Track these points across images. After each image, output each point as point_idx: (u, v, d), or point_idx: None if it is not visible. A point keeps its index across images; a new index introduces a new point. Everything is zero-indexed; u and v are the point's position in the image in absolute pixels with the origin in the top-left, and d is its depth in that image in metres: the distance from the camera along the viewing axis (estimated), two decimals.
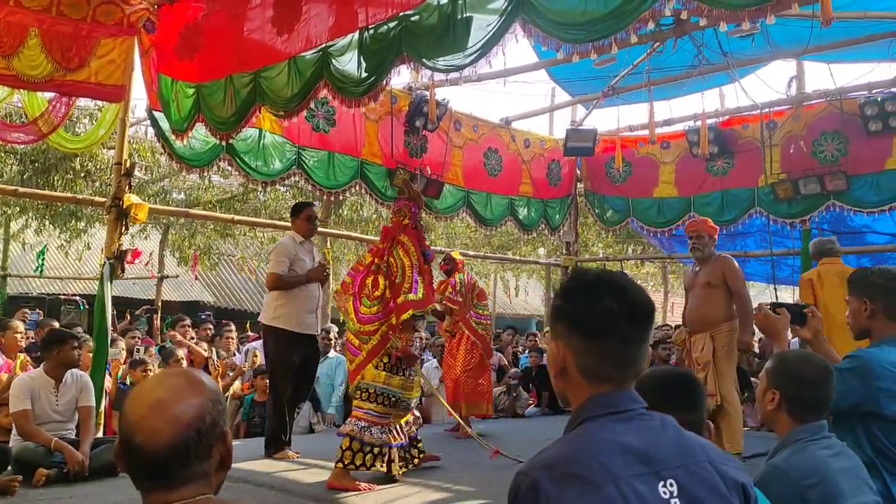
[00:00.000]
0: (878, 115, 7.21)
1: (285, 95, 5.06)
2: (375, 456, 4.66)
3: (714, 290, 5.50)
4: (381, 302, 4.80)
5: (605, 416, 1.38)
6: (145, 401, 1.34)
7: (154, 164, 12.65)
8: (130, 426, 1.32)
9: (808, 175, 7.75)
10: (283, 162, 6.92)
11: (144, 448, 1.30)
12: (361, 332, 4.79)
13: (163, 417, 1.31)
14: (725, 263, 5.57)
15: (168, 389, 1.35)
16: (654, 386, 2.13)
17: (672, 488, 1.31)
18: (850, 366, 2.64)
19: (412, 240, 4.93)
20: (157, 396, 1.34)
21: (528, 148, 9.22)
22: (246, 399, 7.03)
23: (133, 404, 1.35)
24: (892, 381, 2.55)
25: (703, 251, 5.66)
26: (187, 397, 1.34)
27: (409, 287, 4.78)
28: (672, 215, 9.14)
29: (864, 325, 2.80)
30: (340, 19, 4.65)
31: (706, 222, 5.88)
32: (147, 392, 1.36)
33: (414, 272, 4.82)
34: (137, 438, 1.31)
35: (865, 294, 2.78)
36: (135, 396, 1.37)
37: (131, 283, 16.99)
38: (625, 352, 1.42)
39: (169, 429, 1.30)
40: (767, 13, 3.26)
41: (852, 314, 2.85)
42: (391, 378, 4.77)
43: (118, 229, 5.88)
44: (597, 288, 1.43)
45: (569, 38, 3.88)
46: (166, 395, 1.34)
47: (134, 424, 1.32)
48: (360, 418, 4.70)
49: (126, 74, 6.09)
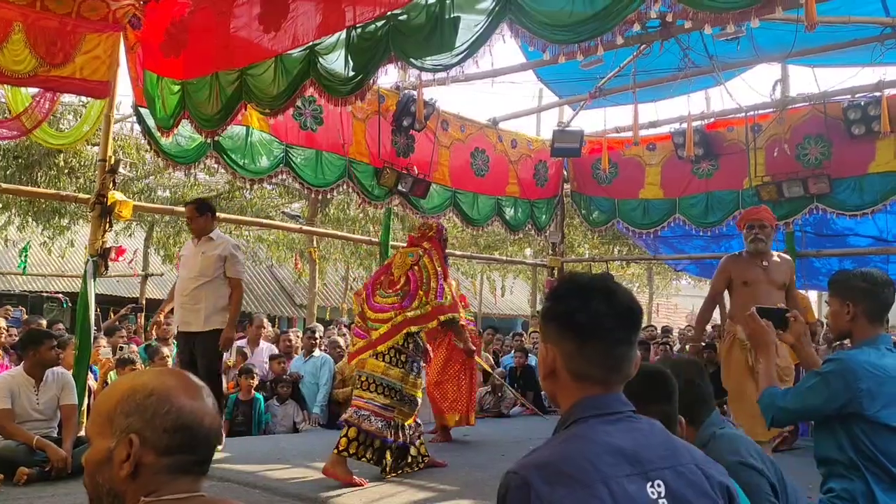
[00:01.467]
0: (861, 120, 7.28)
1: (271, 93, 5.05)
2: (368, 447, 4.69)
3: (783, 294, 5.21)
4: (402, 294, 4.95)
5: (594, 417, 1.40)
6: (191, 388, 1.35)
7: (139, 160, 12.57)
8: (196, 411, 1.33)
9: (792, 178, 7.81)
10: (271, 160, 6.90)
11: (212, 427, 1.33)
12: (371, 318, 4.96)
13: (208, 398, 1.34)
14: (792, 266, 5.40)
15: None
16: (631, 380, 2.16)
17: (660, 489, 1.33)
18: (832, 368, 2.66)
19: (437, 249, 5.16)
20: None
21: (515, 148, 9.25)
22: (230, 398, 7.00)
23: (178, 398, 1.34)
24: (872, 382, 2.58)
25: (767, 242, 5.29)
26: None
27: (436, 293, 4.91)
28: (657, 217, 9.19)
29: (846, 327, 2.82)
30: (328, 18, 4.64)
31: (768, 210, 5.53)
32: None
33: (440, 280, 4.99)
34: (206, 420, 1.32)
35: (848, 297, 2.80)
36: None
37: (115, 281, 16.87)
38: (614, 354, 1.44)
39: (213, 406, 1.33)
40: (752, 16, 3.29)
41: (833, 316, 2.87)
42: (389, 369, 4.85)
43: (102, 226, 5.84)
44: (587, 291, 1.46)
45: (555, 39, 3.90)
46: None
47: (198, 409, 1.33)
48: (360, 407, 4.75)
49: (111, 70, 6.05)
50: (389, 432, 4.77)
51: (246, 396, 7.00)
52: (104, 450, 1.27)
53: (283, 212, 15.94)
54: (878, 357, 2.67)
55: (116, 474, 1.25)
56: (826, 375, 2.66)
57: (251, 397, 7.01)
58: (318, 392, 7.69)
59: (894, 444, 2.56)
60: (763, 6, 3.17)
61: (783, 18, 5.49)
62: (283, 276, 22.53)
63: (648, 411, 2.02)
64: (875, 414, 2.56)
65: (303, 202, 14.85)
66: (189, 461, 1.30)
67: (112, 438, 1.27)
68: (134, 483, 1.26)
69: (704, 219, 8.84)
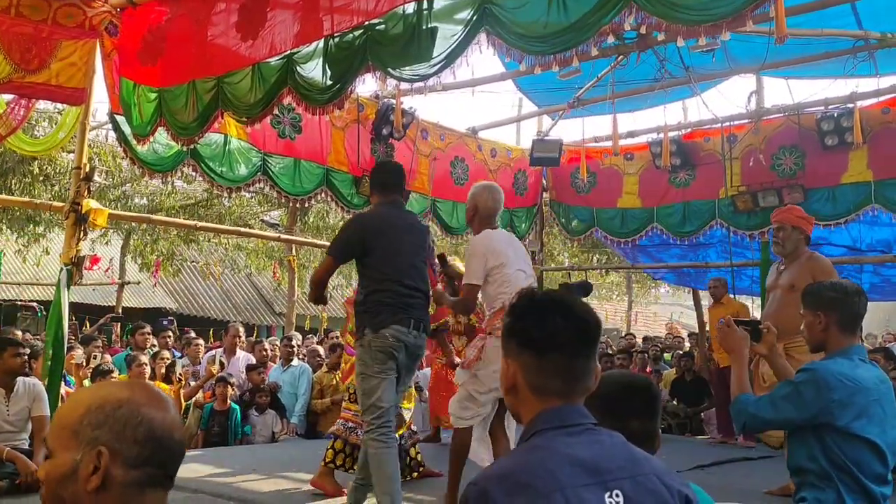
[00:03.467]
0: (835, 131, 7.38)
1: (248, 101, 5.04)
2: (356, 459, 4.66)
3: (797, 296, 4.86)
4: None
5: (554, 429, 1.43)
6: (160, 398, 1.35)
7: (115, 168, 12.46)
8: (166, 424, 1.32)
9: (767, 188, 7.91)
10: (249, 168, 6.86)
11: (182, 444, 1.33)
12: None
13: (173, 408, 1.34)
14: (818, 264, 4.76)
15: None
16: (614, 389, 2.15)
17: (618, 498, 1.35)
18: (804, 379, 2.69)
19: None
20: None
21: (494, 157, 9.28)
22: (206, 407, 6.93)
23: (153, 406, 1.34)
24: (844, 393, 2.61)
25: (785, 246, 4.91)
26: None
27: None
28: (635, 225, 9.25)
29: (820, 337, 2.86)
30: (305, 27, 4.65)
31: (792, 210, 5.13)
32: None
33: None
34: (177, 434, 1.33)
35: (820, 308, 2.84)
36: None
37: (91, 290, 16.68)
38: (572, 368, 1.47)
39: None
40: (723, 29, 3.34)
41: (808, 327, 2.90)
42: None
43: (76, 235, 5.77)
44: (545, 306, 1.50)
45: (531, 50, 3.93)
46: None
47: (169, 422, 1.32)
48: (347, 419, 4.75)
49: (87, 77, 5.99)
50: None
51: (222, 406, 6.93)
52: (68, 463, 1.24)
53: (262, 220, 15.88)
54: (851, 368, 2.70)
55: (82, 489, 1.22)
56: (798, 385, 2.68)
57: (227, 407, 6.95)
58: (296, 402, 7.64)
59: (865, 455, 2.59)
60: (734, 20, 3.22)
61: (756, 31, 5.57)
62: (263, 284, 22.39)
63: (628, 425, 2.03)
64: (847, 425, 2.59)
65: (282, 210, 14.79)
66: (159, 475, 1.28)
67: (77, 451, 1.23)
68: (100, 497, 1.23)
69: (681, 228, 8.91)
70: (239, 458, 5.79)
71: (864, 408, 2.61)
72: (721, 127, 8.27)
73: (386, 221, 3.89)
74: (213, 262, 19.17)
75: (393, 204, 4.05)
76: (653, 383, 2.24)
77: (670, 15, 3.35)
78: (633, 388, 2.15)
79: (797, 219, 4.94)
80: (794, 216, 4.98)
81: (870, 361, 2.88)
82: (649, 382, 2.24)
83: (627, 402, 2.10)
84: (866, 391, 2.64)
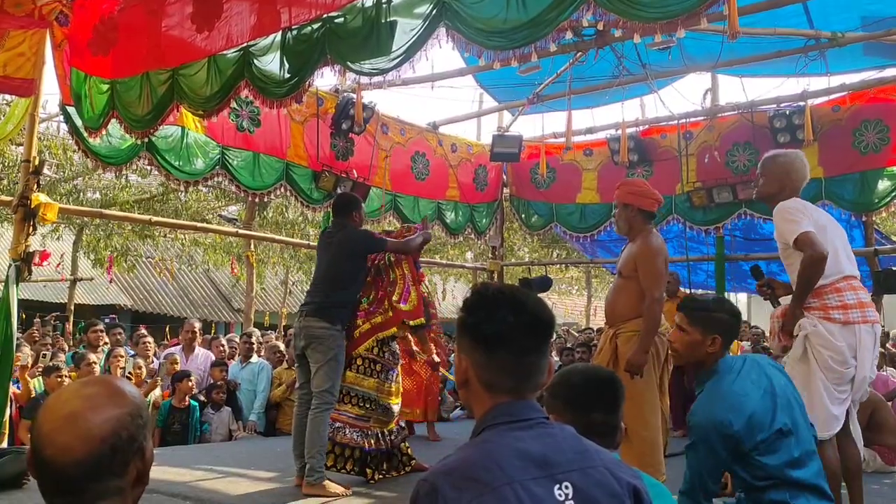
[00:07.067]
0: (787, 128, 7.54)
1: (204, 94, 4.94)
2: (347, 459, 4.64)
3: (627, 281, 4.28)
4: (369, 301, 5.01)
5: (504, 424, 1.44)
6: (59, 412, 1.26)
7: (66, 161, 12.14)
8: (41, 437, 1.24)
9: (722, 184, 8.05)
10: (207, 161, 6.73)
11: (53, 462, 1.23)
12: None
13: (75, 432, 1.23)
14: (639, 248, 4.29)
15: (84, 401, 1.27)
16: (578, 382, 2.18)
17: (567, 490, 1.37)
18: (698, 436, 2.65)
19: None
20: (71, 408, 1.26)
21: (455, 153, 9.28)
22: (163, 405, 6.81)
23: (46, 414, 1.26)
24: (738, 416, 2.59)
25: (619, 225, 4.57)
26: (104, 410, 1.26)
27: (399, 297, 4.89)
28: (594, 220, 9.34)
29: (703, 357, 2.85)
30: (262, 19, 4.57)
31: (624, 185, 4.61)
32: (62, 402, 1.28)
33: (407, 283, 5.02)
34: (47, 451, 1.23)
35: (715, 330, 2.82)
36: (49, 405, 1.29)
37: (42, 286, 16.27)
38: (523, 363, 1.48)
39: (80, 445, 1.22)
40: (678, 27, 3.39)
41: (692, 345, 2.86)
42: (363, 379, 4.83)
43: (25, 230, 5.62)
44: (496, 302, 1.50)
45: (490, 45, 3.93)
46: (81, 406, 1.26)
47: (44, 436, 1.24)
48: (334, 419, 4.70)
49: (37, 68, 5.83)
50: (367, 441, 4.74)
51: (180, 403, 6.82)
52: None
53: (220, 215, 15.64)
54: (732, 382, 2.70)
55: None
56: (697, 443, 2.65)
57: (186, 405, 6.84)
58: (255, 399, 7.56)
59: (782, 458, 2.59)
60: (689, 17, 3.27)
61: (711, 29, 5.66)
62: (221, 280, 22.08)
63: (591, 418, 2.05)
64: (755, 445, 2.59)
65: (240, 205, 14.58)
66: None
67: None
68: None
69: None
70: (196, 457, 5.71)
71: (757, 419, 2.59)
72: (678, 124, 8.40)
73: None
74: (170, 258, 18.84)
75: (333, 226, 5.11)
76: (617, 377, 2.27)
77: (627, 12, 3.39)
78: (598, 382, 2.18)
79: (627, 195, 4.43)
80: (624, 192, 4.47)
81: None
82: (613, 376, 2.28)
83: (591, 396, 2.13)
84: (752, 399, 2.63)
